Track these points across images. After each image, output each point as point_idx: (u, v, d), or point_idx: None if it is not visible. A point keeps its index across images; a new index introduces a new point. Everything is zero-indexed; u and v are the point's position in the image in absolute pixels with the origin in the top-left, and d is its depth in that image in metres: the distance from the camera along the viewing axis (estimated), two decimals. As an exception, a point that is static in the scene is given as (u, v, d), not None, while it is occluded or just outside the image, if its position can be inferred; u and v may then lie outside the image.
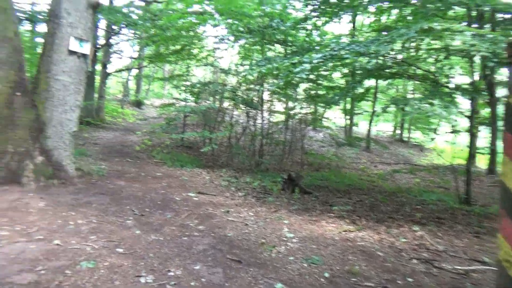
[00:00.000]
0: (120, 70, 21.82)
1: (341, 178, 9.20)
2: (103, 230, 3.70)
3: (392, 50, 5.59)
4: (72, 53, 5.23)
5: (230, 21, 9.25)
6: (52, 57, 5.19)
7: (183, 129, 10.86)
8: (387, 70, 7.68)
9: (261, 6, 9.28)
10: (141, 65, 22.67)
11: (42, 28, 13.61)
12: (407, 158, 16.62)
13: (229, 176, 7.33)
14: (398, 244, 4.30)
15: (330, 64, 5.91)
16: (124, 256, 3.10)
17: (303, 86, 11.38)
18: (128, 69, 22.62)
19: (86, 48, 5.34)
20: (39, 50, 14.92)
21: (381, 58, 6.40)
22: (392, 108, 13.07)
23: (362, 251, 3.92)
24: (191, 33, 10.88)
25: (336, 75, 11.52)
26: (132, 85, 27.20)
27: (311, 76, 8.87)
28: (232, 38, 9.84)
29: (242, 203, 5.42)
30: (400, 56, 7.76)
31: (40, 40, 15.07)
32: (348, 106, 15.33)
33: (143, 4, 15.97)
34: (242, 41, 10.42)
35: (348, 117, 16.39)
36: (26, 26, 13.27)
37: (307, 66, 4.69)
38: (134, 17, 9.94)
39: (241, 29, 9.80)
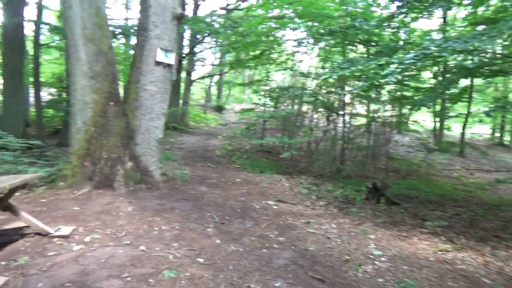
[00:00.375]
0: (203, 77, 22.83)
1: (432, 187, 8.39)
2: (185, 237, 3.74)
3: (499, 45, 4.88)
4: (158, 63, 5.47)
5: (310, 23, 9.03)
6: (141, 68, 5.48)
7: (262, 134, 10.88)
8: (488, 68, 6.80)
9: (342, 6, 8.88)
10: (222, 72, 23.45)
11: (134, 41, 14.81)
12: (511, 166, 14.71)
13: (309, 183, 7.09)
14: (508, 270, 3.69)
15: (419, 64, 5.35)
16: (204, 267, 3.07)
17: (388, 87, 10.67)
18: (210, 75, 23.57)
19: (171, 58, 5.55)
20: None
21: (483, 54, 5.65)
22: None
23: (464, 277, 3.42)
24: (271, 38, 10.86)
25: (424, 74, 10.62)
26: (213, 90, 28.31)
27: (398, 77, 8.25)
28: (311, 40, 9.61)
29: (324, 213, 5.15)
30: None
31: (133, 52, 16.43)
32: (439, 108, 14.05)
33: (224, 12, 16.50)
34: (322, 43, 10.13)
35: (438, 119, 15.05)
36: (121, 40, 14.48)
37: (396, 67, 4.28)
38: (216, 25, 10.21)
39: (321, 31, 9.51)
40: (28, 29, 12.20)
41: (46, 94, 19.03)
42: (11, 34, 10.93)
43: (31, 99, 15.24)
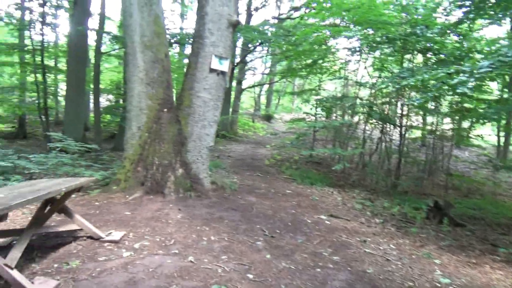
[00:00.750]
0: (253, 86, 22.97)
1: (500, 209, 7.63)
2: (234, 250, 3.59)
3: None
4: (212, 70, 5.44)
5: (365, 31, 8.69)
6: (195, 75, 5.48)
7: (313, 144, 10.59)
8: None
9: (402, 13, 8.45)
10: (272, 81, 23.47)
11: (189, 50, 15.18)
12: None
13: (362, 198, 6.70)
14: None
15: (495, 73, 4.86)
16: (254, 284, 2.89)
17: (448, 98, 9.97)
18: (260, 84, 23.69)
19: (225, 66, 5.50)
20: (185, 69, 16.72)
21: None
22: None
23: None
24: (324, 47, 10.62)
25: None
26: (262, 99, 28.40)
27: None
28: (366, 49, 9.24)
29: (381, 232, 4.79)
30: None
31: (186, 61, 16.85)
32: (504, 121, 12.90)
33: (276, 21, 16.48)
34: (377, 52, 9.72)
35: (502, 134, 13.84)
36: (175, 49, 14.92)
37: (469, 76, 3.88)
38: (269, 34, 10.15)
39: (378, 39, 9.12)
40: (91, 39, 12.92)
41: (104, 100, 20.09)
42: (75, 43, 11.60)
43: (91, 104, 16.10)
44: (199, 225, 4.23)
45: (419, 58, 9.83)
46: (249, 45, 15.49)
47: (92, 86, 12.05)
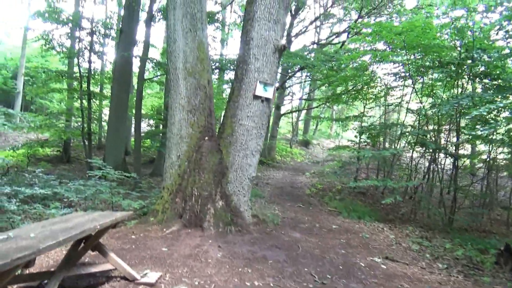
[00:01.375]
0: (291, 111, 22.68)
1: None
2: (281, 300, 3.16)
3: None
4: (256, 97, 5.17)
5: (415, 55, 8.20)
6: (238, 102, 5.23)
7: (357, 174, 10.01)
8: None
9: (456, 37, 7.90)
10: (310, 106, 23.13)
11: (227, 76, 15.22)
12: None
13: (418, 236, 6.04)
14: None
15: None
16: None
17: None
18: (299, 110, 23.38)
19: (270, 93, 5.21)
20: (224, 95, 16.70)
21: None
22: None
23: None
24: (366, 72, 10.19)
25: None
26: (300, 125, 27.99)
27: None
28: (414, 74, 8.70)
29: (447, 281, 4.16)
30: None
31: (226, 86, 16.91)
32: None
33: (315, 47, 16.27)
34: (424, 78, 9.15)
35: None
36: (214, 75, 14.99)
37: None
38: (311, 59, 9.87)
39: (428, 63, 8.59)
40: (135, 66, 13.24)
41: (145, 125, 20.49)
42: (120, 70, 11.88)
43: (132, 129, 16.36)
44: (241, 266, 3.83)
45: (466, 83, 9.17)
46: (289, 71, 15.31)
47: (134, 111, 12.18)
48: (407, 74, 8.55)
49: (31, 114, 17.41)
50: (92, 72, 13.78)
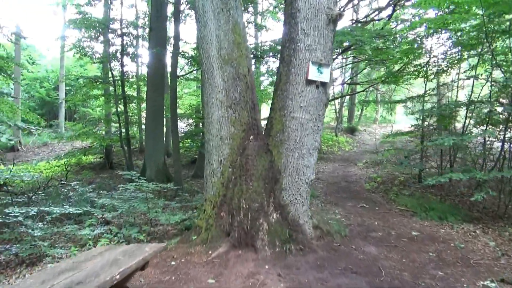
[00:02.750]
0: (335, 98, 21.29)
1: None
2: None
3: None
4: (310, 82, 4.16)
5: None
6: (288, 91, 4.24)
7: (422, 161, 8.67)
8: None
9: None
10: (354, 91, 21.69)
11: (264, 67, 14.20)
12: None
13: (524, 242, 4.79)
14: None
15: None
16: None
17: None
18: (342, 96, 21.96)
19: (326, 75, 4.18)
20: (262, 87, 15.70)
21: None
22: None
23: None
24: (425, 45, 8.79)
25: None
26: (343, 111, 26.45)
27: None
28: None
29: None
30: None
31: (263, 78, 15.92)
32: None
33: (358, 25, 14.82)
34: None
35: None
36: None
37: None
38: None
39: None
40: (169, 66, 12.57)
41: (184, 125, 20.03)
42: (152, 70, 11.26)
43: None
44: (311, 306, 2.88)
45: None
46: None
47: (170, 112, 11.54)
48: (483, 37, 7.06)
49: (69, 123, 17.41)
50: (127, 76, 13.36)
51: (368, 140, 22.87)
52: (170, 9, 12.80)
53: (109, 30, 11.94)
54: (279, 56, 4.66)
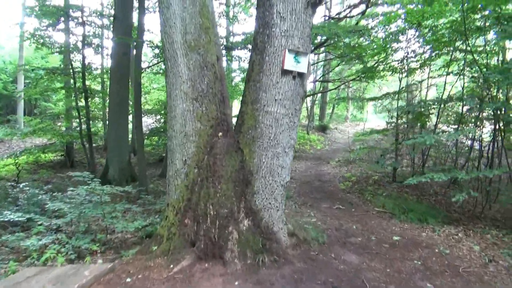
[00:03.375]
0: (306, 96, 21.09)
1: None
2: None
3: None
4: (286, 73, 3.70)
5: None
6: (261, 82, 3.76)
7: (396, 160, 8.46)
8: None
9: None
10: (325, 89, 21.59)
11: (235, 63, 13.67)
12: None
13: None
14: None
15: None
16: None
17: None
18: (314, 93, 21.76)
19: (304, 64, 3.74)
20: (233, 83, 15.15)
21: None
22: None
23: None
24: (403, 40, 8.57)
25: None
26: (315, 109, 26.31)
27: None
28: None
29: None
30: None
31: (234, 75, 15.41)
32: None
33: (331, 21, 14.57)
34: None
35: None
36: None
37: None
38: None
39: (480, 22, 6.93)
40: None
41: (151, 121, 19.22)
42: (116, 61, 10.52)
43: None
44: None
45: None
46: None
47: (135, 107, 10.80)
48: (457, 35, 6.88)
49: (27, 118, 16.20)
50: (89, 67, 12.48)
51: (340, 139, 22.82)
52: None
53: (69, 18, 11.07)
54: (251, 44, 4.18)
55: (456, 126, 7.21)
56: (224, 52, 9.94)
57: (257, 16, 3.93)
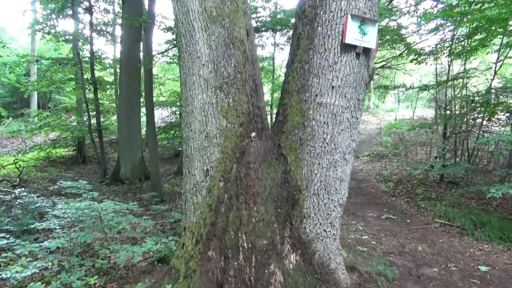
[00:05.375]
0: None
1: None
2: None
3: None
4: (347, 49, 2.63)
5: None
6: (311, 62, 2.70)
7: (456, 161, 7.28)
8: None
9: None
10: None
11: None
12: None
13: None
14: None
15: None
16: None
17: None
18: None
19: (371, 36, 2.66)
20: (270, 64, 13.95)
21: None
22: None
23: None
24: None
25: None
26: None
27: None
28: None
29: None
30: None
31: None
32: None
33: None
34: None
35: None
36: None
37: None
38: None
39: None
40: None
41: (168, 113, 18.33)
42: (127, 49, 9.59)
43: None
44: None
45: None
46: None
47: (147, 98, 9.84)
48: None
49: (37, 112, 15.47)
50: (98, 57, 11.58)
51: (363, 130, 21.57)
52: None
53: (76, 4, 10.15)
54: (295, 12, 3.09)
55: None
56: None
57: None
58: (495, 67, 6.82)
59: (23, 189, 6.57)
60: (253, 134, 2.94)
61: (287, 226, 2.70)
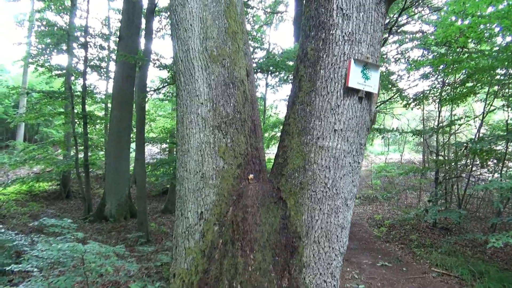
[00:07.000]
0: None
1: None
2: None
3: None
4: (350, 92, 2.60)
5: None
6: (313, 105, 2.65)
7: (446, 206, 7.24)
8: None
9: None
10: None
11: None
12: None
13: None
14: None
15: None
16: None
17: None
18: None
19: (374, 81, 2.65)
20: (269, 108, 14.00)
21: None
22: None
23: None
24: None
25: None
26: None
27: None
28: None
29: None
30: None
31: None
32: None
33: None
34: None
35: None
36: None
37: None
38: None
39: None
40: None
41: (157, 150, 18.12)
42: (119, 85, 9.59)
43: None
44: None
45: None
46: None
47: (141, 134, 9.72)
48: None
49: (23, 144, 15.19)
50: (91, 91, 11.54)
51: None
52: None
53: (71, 40, 10.24)
54: (296, 54, 3.10)
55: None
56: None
57: (306, 18, 2.88)
58: (483, 115, 6.95)
59: (0, 225, 6.22)
60: (251, 176, 2.84)
61: (285, 276, 2.53)
